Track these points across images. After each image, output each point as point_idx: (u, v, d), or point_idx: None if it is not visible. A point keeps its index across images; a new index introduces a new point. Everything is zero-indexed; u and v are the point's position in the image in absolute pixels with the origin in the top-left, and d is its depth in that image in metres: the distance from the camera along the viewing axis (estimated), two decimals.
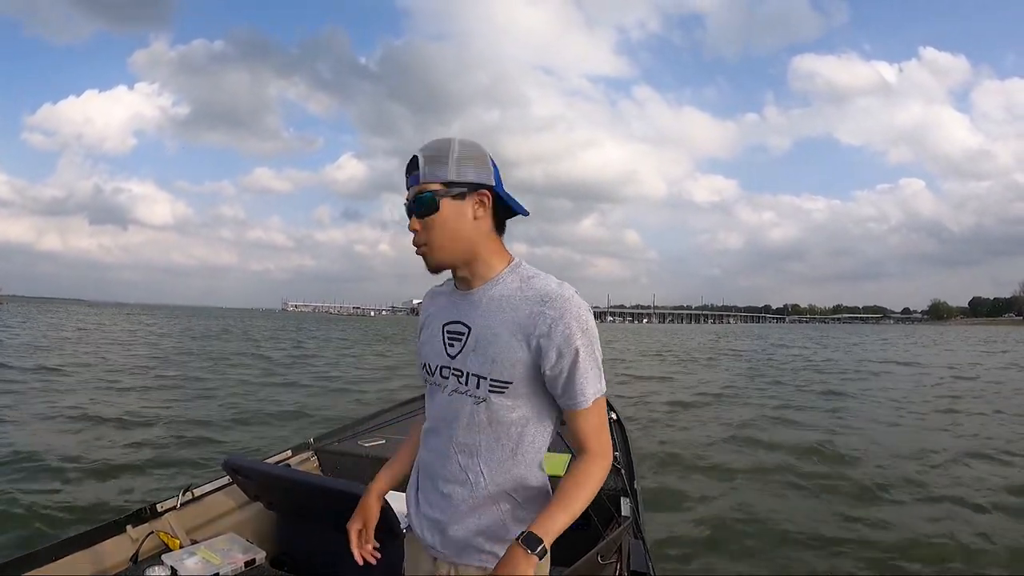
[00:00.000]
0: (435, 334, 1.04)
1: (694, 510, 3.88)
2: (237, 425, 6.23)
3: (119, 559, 1.72)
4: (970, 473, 4.84)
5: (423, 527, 1.05)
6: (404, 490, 1.14)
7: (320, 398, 8.36)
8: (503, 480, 0.99)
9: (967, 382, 12.09)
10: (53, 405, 6.73)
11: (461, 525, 1.00)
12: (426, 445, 1.07)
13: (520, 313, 0.95)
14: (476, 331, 0.98)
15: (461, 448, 1.00)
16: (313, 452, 2.52)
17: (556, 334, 0.92)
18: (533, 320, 0.93)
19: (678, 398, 9.01)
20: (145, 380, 9.45)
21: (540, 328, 0.93)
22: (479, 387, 0.97)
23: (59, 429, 5.63)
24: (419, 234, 0.97)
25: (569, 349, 0.92)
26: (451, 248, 0.97)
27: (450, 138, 0.98)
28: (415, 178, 0.96)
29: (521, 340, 0.94)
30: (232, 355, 14.93)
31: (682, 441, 5.90)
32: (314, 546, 1.89)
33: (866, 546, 3.31)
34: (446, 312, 1.04)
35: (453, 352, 1.01)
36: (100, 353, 13.87)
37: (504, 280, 0.99)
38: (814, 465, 5.00)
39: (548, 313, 0.93)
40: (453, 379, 1.00)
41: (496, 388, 0.96)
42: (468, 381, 0.98)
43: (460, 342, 1.00)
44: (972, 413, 7.88)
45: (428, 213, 0.95)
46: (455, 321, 1.01)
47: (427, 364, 1.05)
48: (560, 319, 0.92)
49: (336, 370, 12.58)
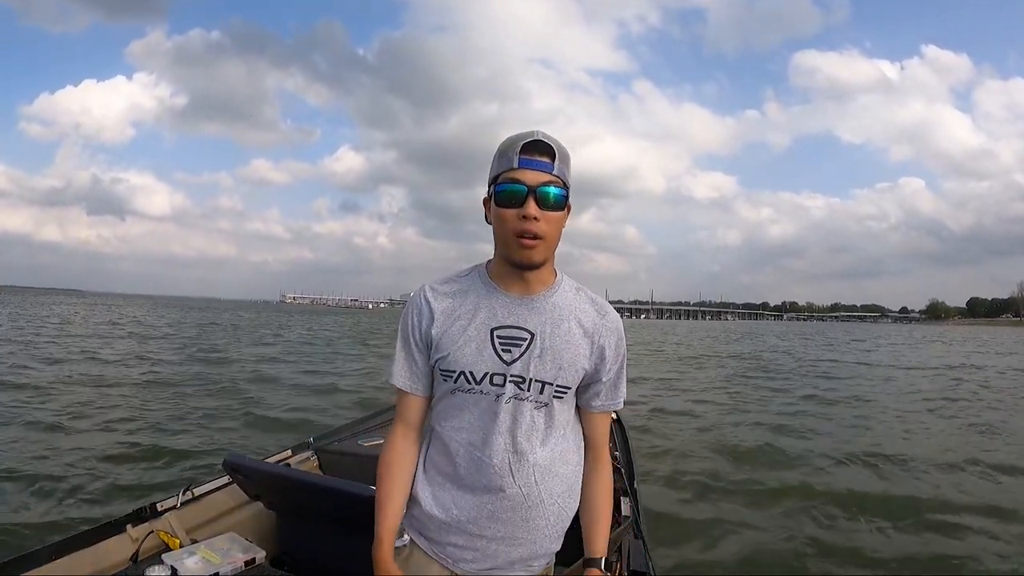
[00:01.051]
0: (477, 338, 0.98)
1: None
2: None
3: (119, 559, 1.72)
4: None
5: (449, 546, 1.02)
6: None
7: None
8: (553, 484, 1.02)
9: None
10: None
11: (510, 546, 1.01)
12: (461, 456, 1.00)
13: (586, 321, 1.01)
14: (543, 337, 0.98)
15: (517, 457, 0.98)
16: (313, 452, 2.52)
17: (613, 343, 1.03)
18: (597, 329, 1.01)
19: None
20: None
21: (604, 337, 1.02)
22: (543, 392, 0.99)
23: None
24: (538, 224, 0.93)
25: (620, 356, 1.05)
26: (553, 250, 0.98)
27: (563, 142, 0.96)
28: (547, 166, 0.93)
29: (587, 347, 1.01)
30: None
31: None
32: (314, 546, 1.90)
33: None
34: (492, 315, 0.99)
35: (510, 359, 0.97)
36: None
37: (563, 288, 1.02)
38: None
39: (607, 324, 1.03)
40: (512, 386, 0.98)
41: (559, 393, 1.00)
42: (531, 387, 0.98)
43: (520, 348, 0.98)
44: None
45: (556, 209, 0.94)
46: (513, 326, 0.98)
47: (468, 372, 0.98)
48: (616, 329, 1.03)
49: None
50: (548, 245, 0.95)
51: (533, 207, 0.91)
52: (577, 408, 1.07)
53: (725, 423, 6.93)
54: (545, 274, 1.00)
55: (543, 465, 0.99)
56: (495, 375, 0.97)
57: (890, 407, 8.40)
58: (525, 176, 0.92)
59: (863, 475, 4.80)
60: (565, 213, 0.97)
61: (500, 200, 0.93)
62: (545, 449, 1.00)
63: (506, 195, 0.92)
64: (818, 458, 5.24)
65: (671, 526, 3.48)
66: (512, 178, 0.92)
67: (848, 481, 4.58)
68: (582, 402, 1.06)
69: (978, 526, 3.63)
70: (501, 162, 0.94)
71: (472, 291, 1.01)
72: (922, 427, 7.02)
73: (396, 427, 1.07)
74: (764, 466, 4.96)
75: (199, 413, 6.27)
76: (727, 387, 10.42)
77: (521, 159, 0.92)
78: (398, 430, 1.06)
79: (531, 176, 0.92)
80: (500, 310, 0.99)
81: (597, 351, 1.01)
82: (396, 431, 1.06)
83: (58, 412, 5.97)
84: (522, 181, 0.92)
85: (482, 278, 1.02)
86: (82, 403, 6.51)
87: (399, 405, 1.06)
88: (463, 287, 1.02)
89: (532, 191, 0.91)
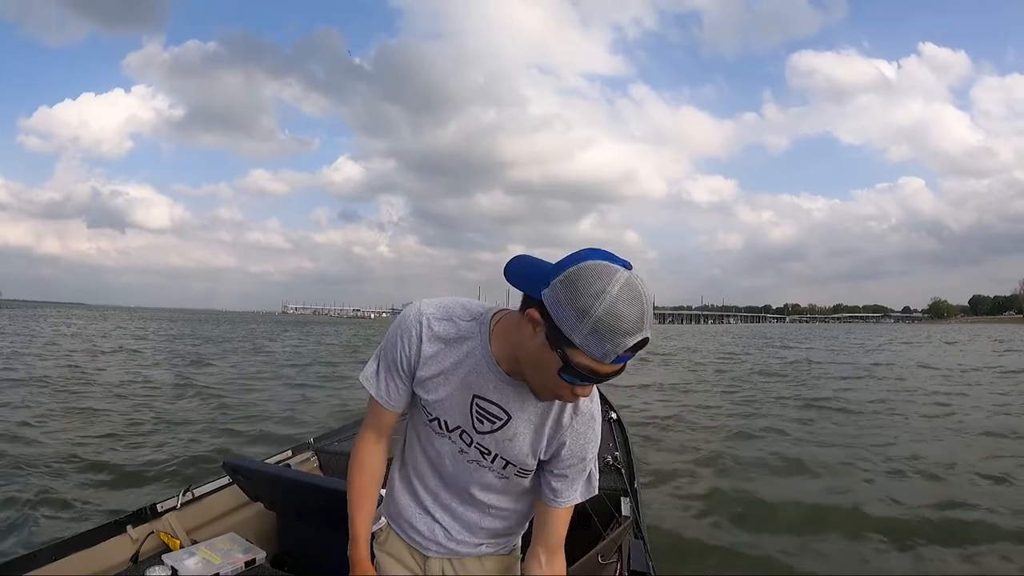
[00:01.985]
0: (458, 395, 0.94)
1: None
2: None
3: (119, 559, 1.72)
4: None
5: (425, 528, 1.07)
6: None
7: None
8: (509, 511, 1.06)
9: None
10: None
11: (471, 535, 1.06)
12: (427, 469, 1.04)
13: (560, 417, 0.95)
14: (518, 423, 0.94)
15: (474, 496, 1.03)
16: (313, 452, 2.52)
17: (576, 447, 0.97)
18: (566, 426, 0.95)
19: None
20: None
21: (566, 436, 0.96)
22: (505, 469, 0.98)
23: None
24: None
25: (582, 464, 0.98)
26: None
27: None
28: (628, 359, 0.78)
29: (551, 440, 0.96)
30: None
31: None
32: (314, 546, 1.90)
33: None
34: (479, 383, 0.93)
35: (482, 429, 0.95)
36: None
37: None
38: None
39: (576, 427, 0.96)
40: (475, 452, 0.97)
41: (521, 474, 0.99)
42: (495, 462, 0.97)
43: (493, 424, 0.94)
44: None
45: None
46: (493, 402, 0.93)
47: (442, 420, 0.96)
48: (584, 435, 0.96)
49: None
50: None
51: (591, 388, 0.83)
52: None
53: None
54: None
55: (496, 505, 1.04)
56: (464, 433, 0.96)
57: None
58: (608, 369, 0.76)
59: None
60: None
61: (569, 375, 0.78)
62: (499, 498, 1.04)
63: (579, 377, 0.78)
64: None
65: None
66: (596, 371, 0.76)
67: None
68: (539, 492, 1.03)
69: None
70: (593, 342, 0.73)
71: (468, 347, 0.92)
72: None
73: (368, 432, 1.04)
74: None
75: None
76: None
77: (619, 357, 0.75)
78: (370, 435, 1.04)
79: (613, 369, 0.77)
80: (487, 383, 0.92)
81: (555, 447, 0.96)
82: (368, 435, 1.04)
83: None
84: (601, 373, 0.77)
85: (482, 343, 0.91)
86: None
87: (373, 413, 1.02)
88: (460, 335, 0.93)
89: (604, 378, 0.79)
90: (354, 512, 1.02)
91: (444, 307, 0.94)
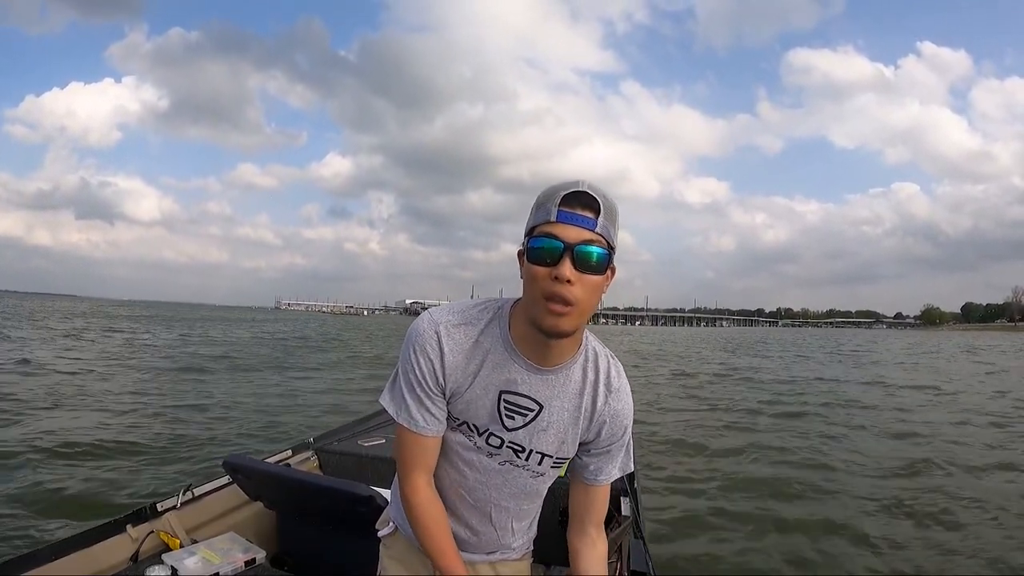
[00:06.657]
0: (484, 396, 0.92)
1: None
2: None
3: (119, 559, 1.71)
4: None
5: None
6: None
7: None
8: (526, 510, 1.06)
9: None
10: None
11: (486, 543, 1.06)
12: (450, 482, 1.00)
13: (595, 398, 0.96)
14: (551, 412, 0.93)
15: (499, 508, 1.02)
16: (313, 452, 2.52)
17: (617, 425, 0.97)
18: (602, 408, 0.96)
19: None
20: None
21: (605, 416, 0.96)
22: (541, 463, 0.97)
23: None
24: (572, 289, 0.80)
25: (617, 438, 0.99)
26: (586, 318, 0.86)
27: (611, 195, 0.83)
28: (589, 222, 0.80)
29: (589, 422, 0.96)
30: None
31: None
32: (314, 546, 1.90)
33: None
34: (503, 377, 0.91)
35: (513, 425, 0.93)
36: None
37: (583, 360, 0.94)
38: None
39: (613, 405, 0.96)
40: (508, 451, 0.95)
41: (558, 464, 0.98)
42: (530, 457, 0.95)
43: (525, 417, 0.92)
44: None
45: (596, 272, 0.81)
46: (523, 394, 0.91)
47: (471, 424, 0.94)
48: (621, 411, 0.97)
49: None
50: (581, 312, 0.83)
51: (568, 267, 0.79)
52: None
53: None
54: (570, 344, 0.90)
55: (515, 510, 1.03)
56: (493, 435, 0.94)
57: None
58: (563, 232, 0.79)
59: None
60: (606, 277, 0.83)
61: (533, 256, 0.81)
62: (526, 503, 1.03)
63: (540, 252, 0.80)
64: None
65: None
66: (548, 233, 0.79)
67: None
68: (575, 474, 1.02)
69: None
70: (538, 213, 0.81)
71: (488, 344, 0.91)
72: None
73: (416, 475, 0.95)
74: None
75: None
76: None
77: (560, 212, 0.79)
78: (419, 478, 0.96)
79: (570, 232, 0.79)
80: (514, 375, 0.91)
81: (595, 428, 0.96)
82: (417, 480, 0.96)
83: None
84: (559, 237, 0.79)
85: (502, 334, 0.91)
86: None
87: (410, 448, 0.94)
88: (479, 333, 0.91)
89: (569, 249, 0.79)
90: (440, 558, 0.96)
91: (457, 311, 0.94)
